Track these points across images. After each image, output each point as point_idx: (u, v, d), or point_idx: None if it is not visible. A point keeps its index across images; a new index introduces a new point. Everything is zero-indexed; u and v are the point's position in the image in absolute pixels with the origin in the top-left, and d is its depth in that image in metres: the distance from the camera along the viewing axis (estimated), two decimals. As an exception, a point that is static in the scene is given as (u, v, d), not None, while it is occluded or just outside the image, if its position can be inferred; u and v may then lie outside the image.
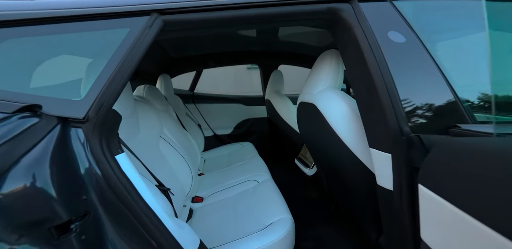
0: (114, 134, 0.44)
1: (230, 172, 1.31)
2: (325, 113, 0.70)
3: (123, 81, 0.40)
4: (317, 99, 0.75)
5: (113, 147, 0.43)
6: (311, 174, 1.17)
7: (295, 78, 2.09)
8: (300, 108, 0.95)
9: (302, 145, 1.36)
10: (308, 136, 0.96)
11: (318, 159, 0.99)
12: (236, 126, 1.99)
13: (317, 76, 0.78)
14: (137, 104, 0.86)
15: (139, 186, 0.45)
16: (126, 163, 0.45)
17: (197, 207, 1.03)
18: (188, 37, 1.29)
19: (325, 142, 0.78)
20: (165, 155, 0.93)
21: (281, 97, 1.46)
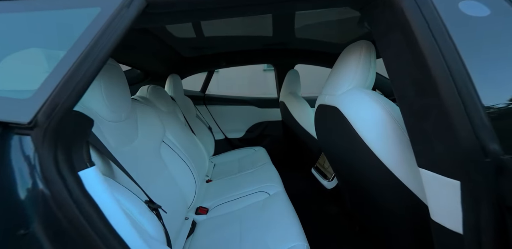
0: (79, 143, 0.34)
1: (239, 180, 1.20)
2: (351, 118, 0.56)
3: (88, 75, 0.31)
4: (341, 101, 0.61)
5: (76, 160, 0.33)
6: (331, 187, 1.01)
7: (309, 80, 1.95)
8: (318, 112, 0.81)
9: (320, 152, 1.21)
10: (327, 144, 0.81)
11: (339, 171, 0.84)
12: (248, 129, 1.88)
13: (341, 74, 0.64)
14: (137, 105, 0.78)
15: (111, 211, 0.35)
16: (95, 180, 0.35)
17: (200, 219, 0.93)
18: (200, 36, 1.22)
19: (349, 152, 0.63)
20: (166, 162, 0.85)
21: (297, 99, 1.33)
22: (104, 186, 0.36)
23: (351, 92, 0.59)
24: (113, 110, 0.60)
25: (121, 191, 0.49)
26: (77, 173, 0.33)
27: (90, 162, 0.36)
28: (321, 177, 1.09)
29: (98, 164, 0.49)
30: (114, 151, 0.60)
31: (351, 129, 0.56)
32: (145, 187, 0.67)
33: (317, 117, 0.84)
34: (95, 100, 0.56)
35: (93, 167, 0.36)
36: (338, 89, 0.64)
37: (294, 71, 1.45)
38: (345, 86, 0.61)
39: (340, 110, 0.60)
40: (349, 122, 0.56)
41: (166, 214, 0.73)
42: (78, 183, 0.32)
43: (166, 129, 0.93)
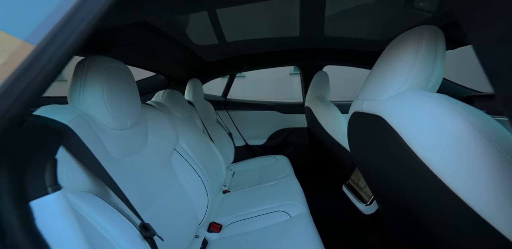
0: (37, 163, 0.27)
1: (258, 194, 1.08)
2: (403, 131, 0.40)
3: (42, 77, 0.23)
4: (387, 108, 0.45)
5: (31, 186, 0.26)
6: (369, 212, 0.82)
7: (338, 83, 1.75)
8: (353, 120, 0.65)
9: (353, 167, 1.02)
10: (364, 160, 0.64)
11: (380, 195, 0.65)
12: (271, 136, 1.76)
13: (387, 73, 0.48)
14: (149, 111, 0.74)
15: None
16: (57, 210, 0.27)
17: (212, 238, 0.84)
18: (223, 40, 1.16)
19: (400, 176, 0.47)
20: (177, 172, 0.78)
21: (325, 104, 1.16)
22: (68, 219, 0.28)
23: (403, 96, 0.43)
24: (116, 117, 0.55)
25: (110, 216, 0.42)
26: (28, 204, 0.25)
27: (54, 186, 0.28)
28: (356, 198, 0.90)
29: (86, 182, 0.43)
30: (115, 163, 0.54)
31: (404, 146, 0.40)
32: (151, 201, 0.61)
33: (351, 126, 0.68)
34: (95, 106, 0.51)
35: (57, 192, 0.28)
36: (382, 92, 0.48)
37: (322, 72, 1.30)
38: (394, 89, 0.45)
39: (386, 120, 0.45)
40: (400, 137, 0.41)
41: (174, 234, 0.65)
42: (22, 218, 0.24)
43: (180, 136, 0.87)
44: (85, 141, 0.44)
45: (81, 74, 0.49)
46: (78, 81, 0.49)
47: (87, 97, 0.50)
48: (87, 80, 0.50)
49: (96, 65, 0.51)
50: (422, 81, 0.42)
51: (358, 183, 0.98)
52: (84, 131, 0.46)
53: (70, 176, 0.39)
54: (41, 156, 0.28)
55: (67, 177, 0.39)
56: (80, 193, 0.40)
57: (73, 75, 0.50)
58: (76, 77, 0.49)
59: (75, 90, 0.49)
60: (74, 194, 0.39)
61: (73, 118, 0.45)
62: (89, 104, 0.50)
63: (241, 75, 7.19)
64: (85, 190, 0.42)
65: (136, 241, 0.43)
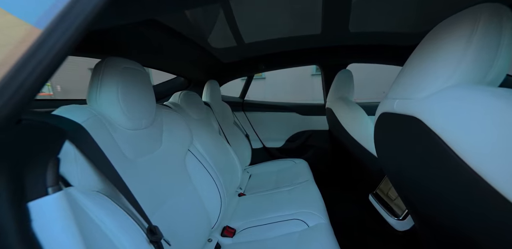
0: (38, 163, 0.27)
1: (274, 198, 1.03)
2: (448, 135, 0.32)
3: (37, 74, 0.22)
4: (426, 108, 0.37)
5: (31, 186, 0.25)
6: (403, 229, 0.72)
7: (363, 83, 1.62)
8: (382, 122, 0.57)
9: (381, 174, 0.91)
10: (395, 168, 0.55)
11: (420, 210, 0.55)
12: (289, 138, 1.69)
13: (427, 66, 0.40)
14: (164, 111, 0.74)
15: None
16: (55, 212, 0.26)
17: (226, 243, 0.81)
18: (241, 42, 1.15)
19: (445, 188, 0.38)
20: (190, 174, 0.77)
21: (348, 105, 1.07)
22: (67, 221, 0.27)
23: (449, 93, 0.34)
24: (130, 117, 0.55)
25: (117, 217, 0.41)
26: (26, 205, 0.24)
27: (55, 186, 0.27)
28: (386, 211, 0.79)
29: (97, 181, 0.43)
30: (128, 163, 0.54)
31: (449, 154, 0.32)
32: (162, 203, 0.60)
33: (379, 129, 0.60)
34: (110, 107, 0.52)
35: (58, 192, 0.27)
36: (419, 89, 0.40)
37: (346, 71, 1.20)
38: (436, 84, 0.37)
39: (424, 121, 0.37)
40: (444, 143, 0.33)
41: (186, 237, 0.64)
42: (18, 220, 0.23)
43: (194, 137, 0.86)
44: (98, 141, 0.45)
45: (98, 75, 0.51)
46: (95, 82, 0.51)
47: (103, 97, 0.51)
48: (103, 81, 0.51)
49: (113, 66, 0.52)
50: (477, 73, 0.33)
51: (388, 194, 0.87)
52: (98, 131, 0.47)
53: (79, 175, 0.39)
54: (43, 155, 0.27)
55: (77, 176, 0.39)
56: (90, 192, 0.40)
57: (91, 76, 0.52)
58: (94, 78, 0.51)
59: (93, 90, 0.51)
60: (82, 193, 0.39)
61: (88, 118, 0.45)
62: (104, 104, 0.51)
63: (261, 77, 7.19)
64: (95, 190, 0.42)
65: (142, 245, 0.42)
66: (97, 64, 0.52)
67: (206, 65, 1.33)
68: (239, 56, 1.43)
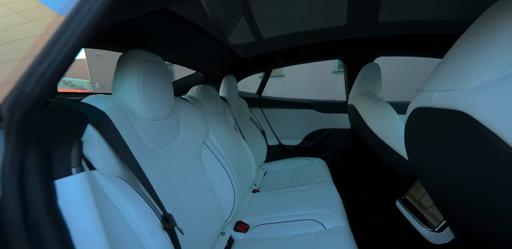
0: (63, 144, 0.28)
1: (289, 197, 1.00)
2: (509, 134, 0.26)
3: (59, 61, 0.23)
4: (478, 100, 0.31)
5: (57, 165, 0.26)
6: (439, 242, 0.63)
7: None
8: (415, 119, 0.50)
9: (412, 179, 0.83)
10: (433, 172, 0.48)
11: (463, 222, 0.46)
12: (306, 137, 1.63)
13: (479, 51, 0.33)
14: (181, 104, 0.75)
15: (88, 239, 0.27)
16: (78, 191, 0.27)
17: (239, 238, 0.80)
18: (259, 37, 1.13)
19: (500, 197, 0.31)
20: (205, 166, 0.77)
21: (373, 102, 0.99)
22: (88, 201, 0.28)
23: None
24: (150, 108, 0.57)
25: (135, 202, 0.42)
26: (53, 182, 0.26)
27: (78, 167, 0.28)
28: (418, 220, 0.71)
29: (118, 167, 0.44)
30: (148, 152, 0.55)
31: (510, 155, 0.26)
32: (178, 193, 0.61)
33: (411, 126, 0.53)
34: (132, 97, 0.53)
35: (81, 173, 0.28)
36: (469, 79, 0.34)
37: (373, 64, 1.11)
38: (493, 72, 0.30)
39: (474, 116, 0.31)
40: (504, 143, 0.27)
41: (199, 228, 0.64)
42: (47, 195, 0.24)
43: (210, 131, 0.86)
44: (120, 129, 0.46)
45: (121, 66, 0.52)
46: (119, 72, 0.52)
47: (125, 87, 0.52)
48: (126, 72, 0.52)
49: (135, 58, 0.54)
50: None
51: (420, 201, 0.78)
52: (120, 119, 0.48)
53: (102, 159, 0.41)
54: (68, 137, 0.29)
55: (100, 160, 0.41)
56: (111, 176, 0.42)
57: (116, 67, 0.53)
58: (118, 69, 0.53)
59: (117, 81, 0.52)
60: (105, 176, 0.40)
61: (111, 107, 0.47)
62: (126, 94, 0.53)
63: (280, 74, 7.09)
64: (116, 175, 0.44)
65: (157, 231, 0.42)
66: (121, 56, 0.54)
67: (224, 60, 1.32)
68: (257, 51, 1.40)
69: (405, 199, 0.85)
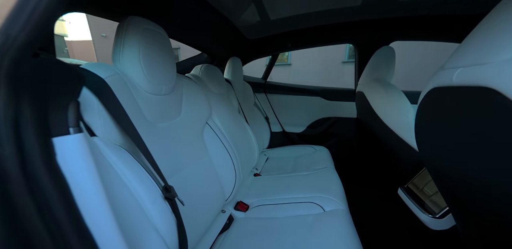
0: (60, 100, 0.27)
1: (290, 181, 1.01)
2: None
3: (46, 3, 0.21)
4: (510, 72, 0.28)
5: (54, 122, 0.25)
6: (439, 228, 0.63)
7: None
8: (430, 100, 0.46)
9: (417, 169, 0.81)
10: (443, 157, 0.46)
11: (472, 208, 0.45)
12: (311, 125, 1.61)
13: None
14: (185, 82, 0.73)
15: (89, 198, 0.27)
16: (77, 151, 0.27)
17: (239, 216, 0.82)
18: (266, 18, 1.06)
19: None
20: (207, 146, 0.77)
21: (384, 88, 0.94)
22: (88, 162, 0.28)
23: None
24: (151, 81, 0.55)
25: (136, 171, 0.42)
26: (51, 139, 0.25)
27: (76, 127, 0.28)
28: (418, 207, 0.71)
29: (118, 136, 0.44)
30: (149, 125, 0.55)
31: None
32: (179, 169, 0.61)
33: (426, 110, 0.49)
34: (132, 67, 0.51)
35: (79, 134, 0.28)
36: (500, 50, 0.30)
37: (388, 48, 1.04)
38: None
39: (503, 93, 0.28)
40: None
41: (200, 204, 0.65)
42: (44, 151, 0.24)
43: (213, 111, 0.85)
44: (120, 98, 0.45)
45: (121, 33, 0.50)
46: (118, 41, 0.50)
47: (125, 57, 0.50)
48: (126, 40, 0.50)
49: (135, 26, 0.51)
50: None
51: (424, 189, 0.77)
52: (120, 89, 0.47)
53: (102, 126, 0.40)
54: (63, 95, 0.28)
55: (100, 128, 0.40)
56: (112, 144, 0.42)
57: (115, 35, 0.51)
58: (118, 37, 0.50)
59: (116, 49, 0.50)
60: (105, 144, 0.40)
61: (111, 75, 0.46)
62: (127, 64, 0.51)
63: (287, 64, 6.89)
64: (117, 144, 0.43)
65: (158, 199, 0.43)
66: (120, 23, 0.51)
67: (230, 41, 1.27)
68: (264, 32, 1.34)
69: (407, 187, 0.84)
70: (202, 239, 0.66)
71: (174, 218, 0.45)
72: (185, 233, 0.48)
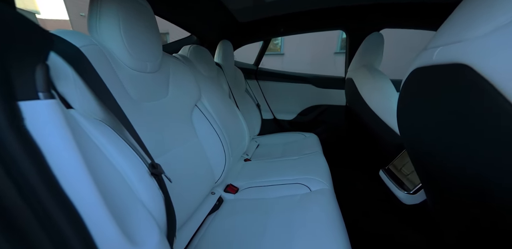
0: (24, 61, 0.24)
1: (279, 165, 1.03)
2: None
3: None
4: (486, 47, 0.27)
5: (19, 84, 0.23)
6: (411, 202, 0.69)
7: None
8: (412, 81, 0.47)
9: (398, 151, 0.85)
10: (420, 136, 0.48)
11: (442, 183, 0.48)
12: (301, 112, 1.63)
13: None
14: (172, 61, 0.70)
15: (67, 167, 0.25)
16: (49, 118, 0.25)
17: (228, 198, 0.84)
18: (260, 2, 1.01)
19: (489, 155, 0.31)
20: (196, 129, 0.76)
21: (372, 74, 0.96)
22: (61, 130, 0.26)
23: None
24: (135, 56, 0.52)
25: (120, 147, 0.41)
26: (16, 103, 0.23)
27: (47, 93, 0.26)
28: (396, 185, 0.76)
29: (99, 111, 0.42)
30: (133, 104, 0.53)
31: (506, 112, 0.25)
32: (166, 150, 0.60)
33: (407, 91, 0.50)
34: (112, 40, 0.48)
35: (51, 100, 0.26)
36: (478, 26, 0.30)
37: (377, 34, 1.05)
38: (507, 15, 0.27)
39: (474, 68, 0.28)
40: (502, 97, 0.25)
41: (189, 185, 0.66)
42: (10, 114, 0.22)
43: (203, 94, 0.83)
44: (99, 71, 0.42)
45: (97, 1, 0.46)
46: (94, 7, 0.46)
47: (103, 27, 0.47)
48: (103, 8, 0.46)
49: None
50: None
51: (402, 169, 0.82)
52: (99, 61, 0.44)
53: (80, 99, 0.38)
54: (28, 55, 0.25)
55: (77, 100, 0.38)
56: (92, 119, 0.40)
57: (90, 2, 0.47)
58: (93, 4, 0.46)
59: (92, 18, 0.47)
60: (84, 117, 0.38)
61: (87, 44, 0.42)
62: (106, 36, 0.47)
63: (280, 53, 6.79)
64: (97, 119, 0.41)
65: (144, 176, 0.42)
66: None
67: (220, 23, 1.22)
68: (257, 15, 1.29)
69: (388, 168, 0.89)
70: (191, 218, 0.67)
71: (162, 194, 0.45)
72: (173, 209, 0.48)
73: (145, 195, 0.42)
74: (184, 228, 0.63)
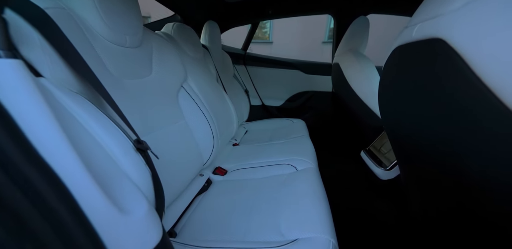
0: None
1: (266, 148, 1.05)
2: (476, 57, 0.25)
3: None
4: (459, 19, 0.28)
5: None
6: (386, 178, 0.74)
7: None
8: (393, 60, 0.48)
9: (378, 132, 0.90)
10: (397, 114, 0.50)
11: (414, 159, 0.52)
12: (289, 98, 1.64)
13: None
14: (154, 38, 0.66)
15: (42, 131, 0.23)
16: (13, 78, 0.23)
17: (217, 180, 0.85)
18: None
19: (456, 130, 0.33)
20: (183, 110, 0.74)
21: (356, 57, 0.98)
22: (31, 93, 0.23)
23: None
24: (112, 27, 0.48)
25: (102, 121, 0.39)
26: None
27: (8, 51, 0.23)
28: (374, 163, 0.81)
29: (74, 81, 0.39)
30: (114, 80, 0.50)
31: (473, 85, 0.25)
32: (152, 130, 0.58)
33: (388, 71, 0.51)
34: (85, 8, 0.44)
35: (14, 60, 0.23)
36: (448, 1, 0.31)
37: (363, 18, 1.05)
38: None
39: (448, 41, 0.29)
40: (471, 71, 0.26)
41: (176, 165, 0.65)
42: None
43: (189, 75, 0.80)
44: (72, 40, 0.39)
45: None
46: None
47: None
48: None
49: None
50: None
51: (380, 149, 0.88)
52: (69, 27, 0.40)
53: (49, 65, 0.35)
54: None
55: (47, 67, 0.35)
56: (68, 91, 0.37)
57: None
58: None
59: None
60: (58, 88, 0.35)
61: (52, 7, 0.38)
62: (78, 3, 0.43)
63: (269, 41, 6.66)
64: (73, 90, 0.39)
65: (130, 151, 0.40)
66: None
67: (206, 1, 1.15)
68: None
69: (368, 149, 0.94)
70: (180, 198, 0.68)
71: (149, 170, 0.44)
72: (161, 186, 0.48)
73: (131, 169, 0.41)
74: (172, 208, 0.64)
